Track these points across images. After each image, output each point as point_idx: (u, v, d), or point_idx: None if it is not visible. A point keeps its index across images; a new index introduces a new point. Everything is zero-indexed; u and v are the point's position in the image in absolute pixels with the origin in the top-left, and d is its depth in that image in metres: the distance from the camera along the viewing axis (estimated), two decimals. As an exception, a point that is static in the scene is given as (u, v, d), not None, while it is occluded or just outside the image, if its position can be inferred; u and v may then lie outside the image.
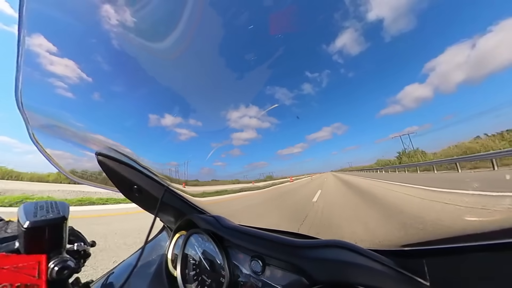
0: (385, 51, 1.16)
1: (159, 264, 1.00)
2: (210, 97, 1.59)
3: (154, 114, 1.40)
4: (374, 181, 2.32)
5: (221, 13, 0.95)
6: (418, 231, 0.74)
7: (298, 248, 0.59)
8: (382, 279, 0.44)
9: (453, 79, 0.97)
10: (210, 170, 1.54)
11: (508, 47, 0.74)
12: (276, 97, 1.48)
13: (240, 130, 1.75)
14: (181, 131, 1.53)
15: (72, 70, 0.88)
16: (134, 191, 0.92)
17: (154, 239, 1.18)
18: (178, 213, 1.00)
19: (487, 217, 0.60)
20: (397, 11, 0.95)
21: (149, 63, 1.11)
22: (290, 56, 1.24)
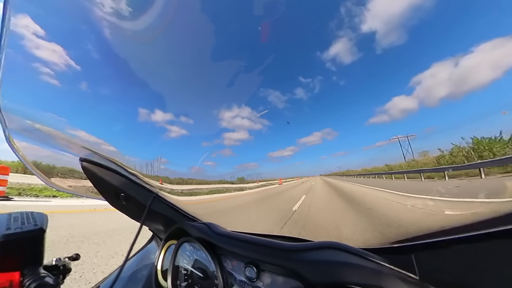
0: (376, 62, 1.18)
1: (148, 276, 0.93)
2: (203, 95, 1.54)
3: (144, 108, 1.32)
4: (364, 187, 2.38)
5: (220, 13, 0.93)
6: (405, 227, 0.75)
7: (292, 252, 0.58)
8: (374, 276, 0.45)
9: (437, 93, 1.00)
10: (200, 170, 1.50)
11: (486, 67, 0.77)
12: (269, 100, 1.47)
13: (232, 130, 1.73)
14: (171, 128, 1.47)
15: (56, 61, 0.81)
16: (121, 199, 0.85)
17: (143, 250, 1.10)
18: (168, 221, 0.94)
19: (467, 211, 0.62)
20: (389, 25, 0.97)
21: (141, 56, 1.05)
22: (285, 60, 1.24)
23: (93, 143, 0.90)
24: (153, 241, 1.12)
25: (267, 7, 0.88)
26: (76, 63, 0.87)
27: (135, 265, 1.00)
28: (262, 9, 0.89)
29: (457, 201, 0.81)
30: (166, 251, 0.92)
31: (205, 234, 0.77)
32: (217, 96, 1.53)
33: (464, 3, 0.81)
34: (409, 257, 0.44)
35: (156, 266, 0.90)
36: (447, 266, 0.40)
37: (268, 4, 0.86)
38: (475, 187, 1.00)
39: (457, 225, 0.40)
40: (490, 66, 0.77)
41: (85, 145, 0.87)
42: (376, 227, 1.41)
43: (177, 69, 1.18)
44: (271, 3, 0.85)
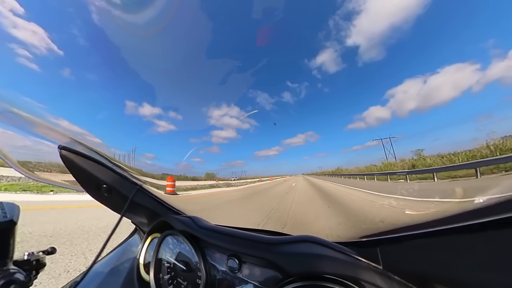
0: (357, 74, 1.26)
1: (130, 269, 0.90)
2: (193, 92, 1.51)
3: (131, 101, 1.26)
4: (339, 186, 2.55)
5: (219, 13, 0.92)
6: (374, 224, 0.82)
7: (272, 245, 0.60)
8: (345, 267, 0.49)
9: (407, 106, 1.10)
10: (187, 166, 1.47)
11: (448, 86, 0.87)
12: (258, 101, 1.49)
13: (220, 128, 1.72)
14: (159, 123, 1.42)
15: (36, 44, 0.73)
16: (102, 191, 0.80)
17: (124, 243, 1.06)
18: (151, 214, 0.92)
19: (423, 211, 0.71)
20: (370, 41, 1.05)
21: (133, 46, 0.99)
22: (275, 64, 1.26)
23: (76, 133, 0.84)
24: (135, 235, 1.08)
25: (265, 13, 0.89)
26: (59, 47, 0.80)
27: (116, 258, 0.96)
28: (260, 14, 0.91)
29: (416, 200, 0.91)
30: (149, 245, 0.90)
31: (189, 227, 0.77)
32: (208, 93, 1.51)
33: (435, 30, 0.90)
34: (375, 250, 0.49)
35: (138, 259, 0.88)
36: (405, 257, 0.45)
37: (266, 10, 0.88)
38: (430, 189, 1.12)
39: (414, 223, 0.45)
40: (452, 86, 0.87)
41: (66, 134, 0.81)
42: (348, 223, 1.53)
43: (170, 64, 1.14)
44: (269, 11, 0.87)
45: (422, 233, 0.41)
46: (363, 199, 1.78)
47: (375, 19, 2.02)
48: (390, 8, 2.00)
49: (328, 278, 0.47)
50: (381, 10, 2.01)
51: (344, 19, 1.82)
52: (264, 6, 1.25)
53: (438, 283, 0.40)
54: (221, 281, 0.68)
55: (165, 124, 3.43)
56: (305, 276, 0.50)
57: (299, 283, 0.49)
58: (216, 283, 0.68)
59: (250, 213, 2.53)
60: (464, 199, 0.62)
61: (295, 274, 0.52)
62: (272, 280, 0.57)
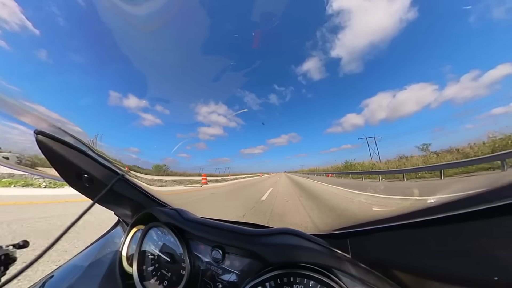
0: (338, 83, 1.35)
1: (112, 262, 0.87)
2: (182, 87, 1.46)
3: (116, 92, 1.17)
4: (316, 183, 2.71)
5: (218, 12, 0.90)
6: (345, 219, 0.90)
7: (254, 237, 0.62)
8: (319, 256, 0.53)
9: (378, 115, 1.21)
10: (174, 161, 1.42)
11: (412, 102, 0.98)
12: (245, 101, 1.51)
13: (207, 125, 1.70)
14: (145, 116, 1.35)
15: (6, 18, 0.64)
16: (83, 181, 0.74)
17: (106, 235, 1.01)
18: (136, 206, 0.88)
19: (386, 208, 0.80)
20: (351, 55, 1.13)
21: (121, 31, 0.92)
22: (265, 67, 1.29)
23: (55, 120, 0.77)
24: (118, 227, 1.03)
25: (262, 17, 0.90)
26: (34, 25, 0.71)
27: (97, 251, 0.93)
28: (259, 18, 0.91)
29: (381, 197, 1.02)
30: (132, 237, 0.86)
31: (174, 219, 0.76)
32: (197, 90, 1.47)
33: (406, 52, 1.01)
34: (345, 241, 0.54)
35: (121, 251, 0.85)
36: (370, 248, 0.51)
37: (264, 16, 0.88)
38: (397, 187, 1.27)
39: (378, 218, 0.50)
40: (415, 102, 0.99)
41: (44, 119, 0.73)
42: (323, 217, 1.65)
43: (160, 56, 1.08)
44: (266, 17, 0.87)
45: (384, 227, 0.46)
46: (337, 195, 1.93)
47: (358, 35, 2.16)
48: (371, 27, 2.16)
49: (304, 266, 0.51)
50: (363, 28, 2.16)
51: (330, 32, 1.90)
52: (262, 11, 1.27)
53: (396, 269, 0.46)
54: (205, 272, 0.69)
55: (152, 117, 3.13)
56: (283, 265, 0.53)
57: (278, 271, 0.52)
58: (200, 273, 0.70)
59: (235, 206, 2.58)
60: (419, 198, 0.71)
61: (275, 263, 0.55)
62: (254, 269, 0.60)
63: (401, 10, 0.88)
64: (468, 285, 0.33)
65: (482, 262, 0.30)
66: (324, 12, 0.93)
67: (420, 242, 0.40)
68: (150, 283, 0.76)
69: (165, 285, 0.73)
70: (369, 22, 1.02)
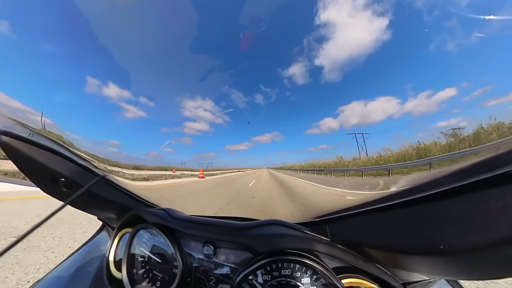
0: (318, 89, 1.46)
1: (99, 269, 0.82)
2: (168, 79, 1.41)
3: (95, 78, 1.08)
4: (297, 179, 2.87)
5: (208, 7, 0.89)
6: (324, 208, 0.99)
7: (243, 229, 0.65)
8: (302, 242, 0.57)
9: (351, 121, 1.34)
10: (158, 155, 1.37)
11: (380, 111, 1.12)
12: (232, 98, 1.54)
13: (193, 120, 1.69)
14: (128, 107, 1.28)
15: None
16: (60, 185, 0.65)
17: (90, 242, 0.95)
18: (121, 208, 0.84)
19: (358, 198, 0.90)
20: (333, 65, 1.24)
21: (105, 9, 0.82)
22: (253, 68, 1.34)
23: (18, 110, 0.64)
24: (103, 232, 0.96)
25: (251, 21, 0.93)
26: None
27: (80, 259, 0.87)
28: (247, 22, 0.94)
29: (353, 192, 1.15)
30: (119, 241, 0.82)
31: (163, 219, 0.75)
32: (184, 83, 1.44)
33: (379, 68, 1.16)
34: (325, 227, 0.59)
35: (107, 257, 0.80)
36: (345, 231, 0.57)
37: (253, 20, 0.92)
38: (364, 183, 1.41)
39: (352, 206, 0.56)
40: (382, 112, 1.14)
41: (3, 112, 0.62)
42: (304, 207, 1.76)
43: (146, 44, 1.03)
44: (255, 21, 0.91)
45: (356, 212, 0.53)
46: (317, 187, 2.06)
47: (340, 47, 2.42)
48: (352, 42, 2.45)
49: (290, 252, 0.56)
50: (345, 41, 2.43)
51: (316, 41, 2.08)
52: (251, 16, 1.29)
53: (366, 246, 0.52)
54: (198, 268, 0.70)
55: (135, 109, 2.84)
56: (272, 253, 0.57)
57: (267, 259, 0.56)
58: (192, 270, 0.70)
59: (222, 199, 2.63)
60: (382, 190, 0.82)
61: (264, 252, 0.58)
62: (245, 260, 0.63)
63: (378, 30, 1.01)
64: (420, 254, 0.40)
65: (430, 236, 0.37)
66: (312, 22, 1.01)
67: (383, 223, 0.47)
68: (142, 286, 0.73)
69: (157, 286, 0.72)
70: (351, 37, 1.14)
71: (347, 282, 0.53)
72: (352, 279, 0.54)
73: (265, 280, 0.56)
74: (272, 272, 0.56)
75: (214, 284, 0.65)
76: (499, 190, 0.27)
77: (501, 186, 0.27)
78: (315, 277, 0.53)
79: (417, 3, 0.87)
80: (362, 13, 1.04)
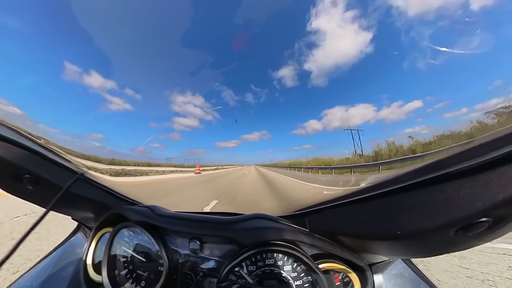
0: (306, 92, 1.52)
1: (75, 274, 0.76)
2: (157, 72, 1.33)
3: (75, 65, 0.96)
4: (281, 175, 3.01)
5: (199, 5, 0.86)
6: (303, 201, 1.06)
7: (229, 224, 0.66)
8: (284, 233, 0.61)
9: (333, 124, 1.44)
10: (145, 151, 1.30)
11: (359, 116, 1.24)
12: (223, 96, 1.52)
13: (183, 116, 1.63)
14: (112, 99, 1.18)
15: None
16: (25, 183, 0.58)
17: (64, 245, 0.87)
18: (100, 207, 0.78)
19: (332, 192, 0.99)
20: (320, 71, 1.30)
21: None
22: (244, 67, 1.33)
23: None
24: (78, 233, 0.89)
25: (246, 23, 0.92)
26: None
27: (53, 264, 0.79)
28: (242, 22, 0.92)
29: (329, 188, 1.26)
30: (98, 242, 0.77)
31: (147, 217, 0.73)
32: (174, 77, 1.38)
33: (360, 77, 1.26)
34: (304, 219, 0.64)
35: (85, 260, 0.75)
36: (322, 222, 0.62)
37: (247, 21, 0.91)
38: (339, 180, 1.54)
39: (327, 199, 0.61)
40: (360, 117, 1.25)
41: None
42: (286, 201, 1.87)
43: (138, 30, 0.95)
44: (249, 22, 0.90)
45: (331, 205, 0.58)
46: (298, 183, 2.18)
47: (328, 55, 2.67)
48: (338, 51, 2.72)
49: (273, 243, 0.59)
50: (333, 50, 2.69)
51: (306, 46, 2.31)
52: (246, 17, 1.27)
53: (340, 235, 0.58)
54: (184, 264, 0.70)
55: (120, 102, 2.69)
56: (257, 245, 0.60)
57: (252, 251, 0.59)
58: (179, 266, 0.70)
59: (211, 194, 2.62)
60: (354, 186, 0.90)
61: (249, 245, 0.61)
62: (231, 253, 0.65)
63: (362, 43, 1.10)
64: (383, 239, 0.46)
65: (390, 224, 0.43)
66: (304, 28, 1.04)
67: (354, 214, 0.53)
68: (125, 287, 0.70)
69: (142, 286, 0.70)
70: (338, 46, 1.21)
71: (323, 267, 0.59)
72: (328, 263, 0.60)
73: (251, 271, 0.59)
74: (257, 262, 0.59)
75: (201, 278, 0.66)
76: (441, 187, 0.33)
77: (443, 184, 0.33)
78: (295, 264, 0.58)
79: (397, 23, 0.95)
80: (350, 25, 1.11)
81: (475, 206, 0.30)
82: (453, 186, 0.32)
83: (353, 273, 0.60)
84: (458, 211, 0.31)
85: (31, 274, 0.75)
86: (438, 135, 0.77)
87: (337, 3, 1.09)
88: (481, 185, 0.29)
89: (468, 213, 0.31)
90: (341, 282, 0.62)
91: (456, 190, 0.31)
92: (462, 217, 0.31)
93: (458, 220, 0.32)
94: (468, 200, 0.30)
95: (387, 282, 0.62)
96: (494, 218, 0.30)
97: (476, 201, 0.30)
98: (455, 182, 0.32)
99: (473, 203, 0.30)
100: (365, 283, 0.60)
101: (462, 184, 0.31)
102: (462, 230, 0.33)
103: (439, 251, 0.43)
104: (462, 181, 0.31)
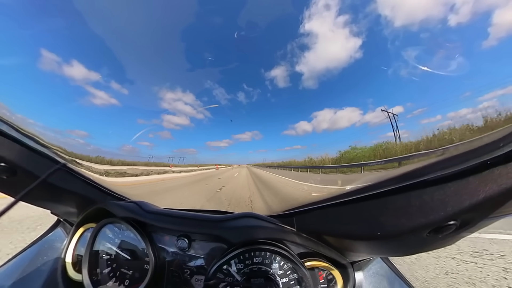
0: (297, 94, 1.54)
1: (52, 272, 0.70)
2: (145, 65, 1.28)
3: (53, 53, 0.90)
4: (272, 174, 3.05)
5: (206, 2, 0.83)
6: (292, 201, 1.08)
7: (218, 222, 0.65)
8: (273, 232, 0.62)
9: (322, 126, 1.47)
10: (133, 149, 1.24)
11: (346, 119, 1.27)
12: (214, 94, 1.50)
13: (172, 113, 1.58)
14: (96, 93, 1.11)
15: None
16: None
17: (40, 241, 0.80)
18: (83, 201, 0.74)
19: (321, 192, 1.01)
20: (311, 73, 1.32)
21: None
22: (238, 67, 1.33)
23: None
24: (58, 228, 0.82)
25: (248, 25, 0.92)
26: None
27: (28, 262, 0.73)
28: (244, 24, 0.92)
29: (318, 186, 1.30)
30: (79, 238, 0.72)
31: (134, 213, 0.69)
32: (164, 73, 1.33)
33: (348, 82, 1.31)
34: (292, 219, 0.65)
35: (64, 258, 0.71)
36: (309, 222, 0.64)
37: (249, 24, 0.91)
38: (328, 179, 1.59)
39: (315, 201, 0.63)
40: (347, 120, 1.29)
41: None
42: (276, 201, 1.89)
43: (129, 21, 0.89)
44: (251, 25, 0.90)
45: (318, 207, 0.60)
46: (287, 183, 2.22)
47: (319, 58, 2.66)
48: (329, 54, 2.74)
49: (261, 242, 0.60)
50: (324, 53, 2.68)
51: (299, 48, 2.23)
52: (240, 16, 1.24)
53: (325, 234, 0.60)
54: (171, 262, 0.68)
55: (105, 96, 2.23)
56: (245, 243, 0.60)
57: (241, 249, 0.58)
58: (166, 264, 0.68)
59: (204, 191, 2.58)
60: (341, 186, 0.95)
61: (238, 243, 0.60)
62: (219, 251, 0.64)
63: (352, 49, 1.14)
64: (364, 239, 0.49)
65: (371, 225, 0.46)
66: (297, 29, 1.06)
67: (338, 216, 0.56)
68: (107, 286, 0.67)
69: (126, 285, 0.67)
70: (329, 50, 1.25)
71: (309, 265, 0.61)
72: (313, 261, 0.62)
73: (239, 269, 0.59)
74: (245, 260, 0.59)
75: (188, 276, 0.65)
76: (418, 193, 0.36)
77: (419, 190, 0.36)
78: (282, 263, 0.59)
79: (384, 31, 1.01)
80: (341, 30, 1.15)
81: (446, 211, 0.33)
82: (428, 192, 0.35)
83: (336, 271, 0.63)
84: (431, 215, 0.34)
85: (4, 270, 0.69)
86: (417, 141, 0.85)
87: (330, 7, 1.15)
88: (452, 192, 0.33)
89: (440, 217, 0.34)
90: (325, 279, 0.64)
91: (430, 196, 0.34)
92: (435, 220, 0.34)
93: (431, 223, 0.35)
94: (440, 205, 0.33)
95: (366, 279, 0.66)
96: (461, 221, 0.34)
97: (446, 206, 0.33)
98: (429, 189, 0.35)
99: (444, 208, 0.33)
100: (347, 280, 0.63)
101: (436, 191, 0.34)
102: (434, 232, 0.36)
103: (413, 251, 0.46)
104: (435, 188, 0.34)
